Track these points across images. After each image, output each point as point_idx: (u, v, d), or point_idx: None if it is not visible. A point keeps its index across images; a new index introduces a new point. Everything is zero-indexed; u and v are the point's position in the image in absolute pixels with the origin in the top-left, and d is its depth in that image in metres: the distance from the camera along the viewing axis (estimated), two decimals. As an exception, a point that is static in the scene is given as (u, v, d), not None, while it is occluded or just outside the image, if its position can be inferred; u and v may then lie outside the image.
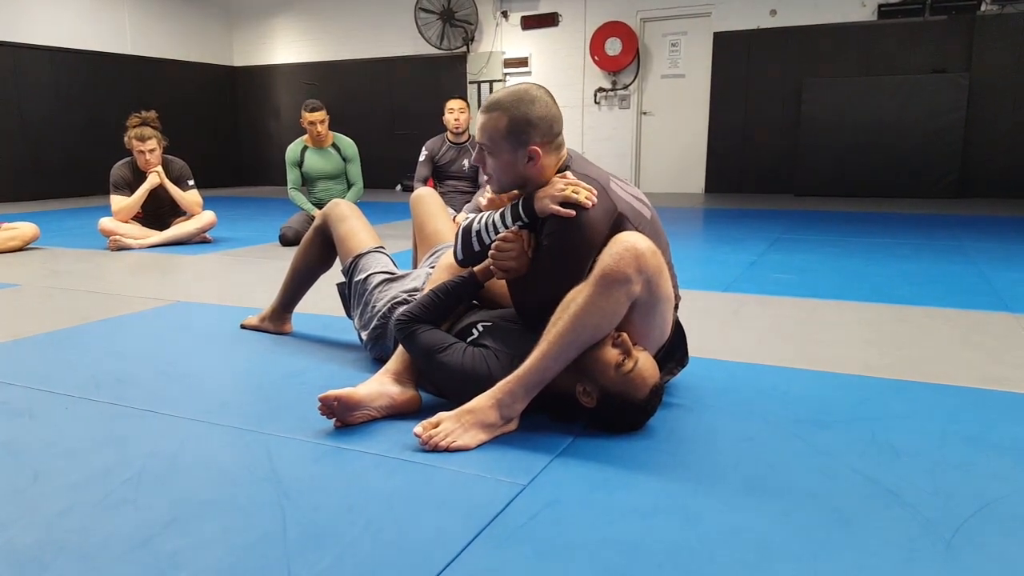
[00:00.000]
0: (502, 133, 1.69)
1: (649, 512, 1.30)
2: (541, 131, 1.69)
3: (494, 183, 1.79)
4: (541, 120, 1.69)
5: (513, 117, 1.68)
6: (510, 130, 1.68)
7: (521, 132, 1.68)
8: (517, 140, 1.69)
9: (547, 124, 1.70)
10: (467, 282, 1.88)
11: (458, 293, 1.88)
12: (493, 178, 1.78)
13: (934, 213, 6.41)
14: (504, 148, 1.70)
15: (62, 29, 8.93)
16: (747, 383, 2.01)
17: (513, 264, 1.74)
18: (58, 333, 2.61)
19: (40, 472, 1.49)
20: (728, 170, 8.76)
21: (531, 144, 1.68)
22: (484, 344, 1.77)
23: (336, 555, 1.16)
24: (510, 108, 1.69)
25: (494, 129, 1.70)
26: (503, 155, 1.71)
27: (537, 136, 1.69)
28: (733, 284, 3.35)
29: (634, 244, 1.57)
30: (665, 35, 8.96)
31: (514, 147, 1.69)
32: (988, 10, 7.48)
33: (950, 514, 1.29)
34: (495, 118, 1.70)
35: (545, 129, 1.70)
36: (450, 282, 1.88)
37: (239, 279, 3.71)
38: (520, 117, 1.68)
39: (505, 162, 1.72)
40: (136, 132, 4.67)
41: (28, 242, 4.69)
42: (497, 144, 1.71)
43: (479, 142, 1.76)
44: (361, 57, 10.54)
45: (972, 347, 2.34)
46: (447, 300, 1.86)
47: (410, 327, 1.80)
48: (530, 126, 1.68)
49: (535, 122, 1.68)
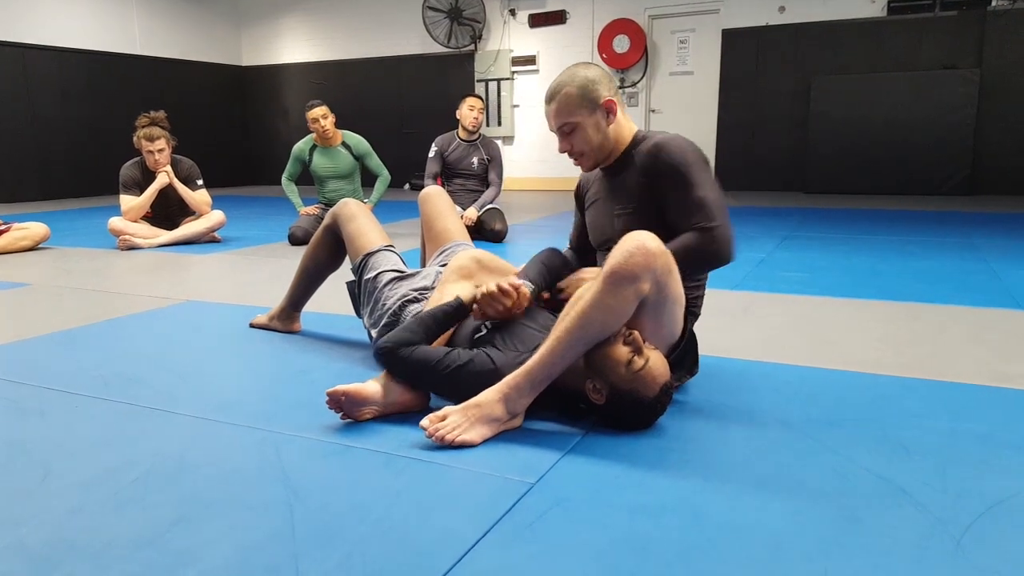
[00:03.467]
0: (576, 101, 1.84)
1: (658, 510, 1.30)
2: (606, 85, 1.86)
3: (588, 158, 1.91)
4: (601, 76, 1.86)
5: (579, 85, 1.84)
6: (581, 96, 1.84)
7: (589, 93, 1.84)
8: (591, 102, 1.84)
9: (607, 78, 1.88)
10: (455, 311, 1.83)
11: (445, 322, 1.83)
12: (587, 153, 1.89)
13: (944, 210, 6.37)
14: (584, 114, 1.85)
15: (70, 29, 8.98)
16: (757, 381, 2.00)
17: (496, 316, 1.81)
18: (68, 332, 2.63)
19: (50, 470, 1.49)
20: (737, 167, 8.73)
21: (604, 99, 1.84)
22: (491, 340, 1.77)
23: (344, 553, 1.17)
24: (571, 81, 1.84)
25: (567, 103, 1.85)
26: (587, 121, 1.85)
27: (605, 90, 1.85)
28: (743, 282, 3.34)
29: (644, 243, 1.56)
30: (673, 32, 8.93)
31: (592, 109, 1.84)
32: (999, 5, 7.42)
33: (961, 512, 1.28)
34: (564, 95, 1.85)
35: (608, 82, 1.87)
36: (438, 309, 1.83)
37: (248, 278, 3.72)
38: (582, 82, 1.84)
39: (591, 125, 1.86)
40: (145, 132, 4.69)
41: (38, 242, 4.73)
42: (576, 113, 1.85)
43: (558, 127, 1.88)
44: (369, 56, 10.56)
45: (983, 345, 2.32)
46: (434, 327, 1.80)
47: (396, 353, 1.71)
48: (595, 83, 1.84)
49: (597, 79, 1.85)
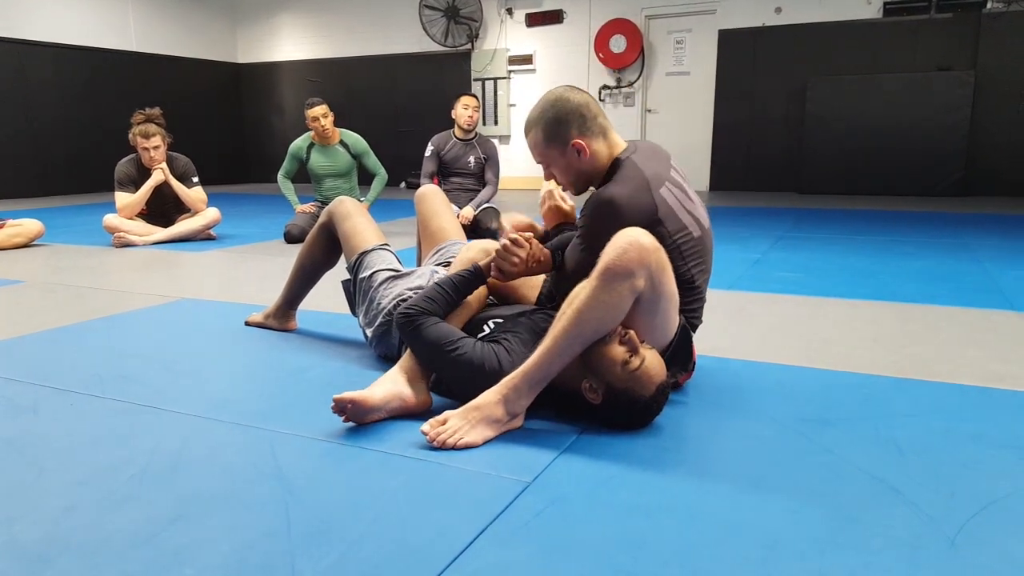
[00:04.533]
0: (543, 144, 1.83)
1: (654, 509, 1.30)
2: (575, 124, 1.79)
3: (570, 187, 1.91)
4: (569, 115, 1.79)
5: (545, 126, 1.81)
6: (548, 139, 1.82)
7: (558, 135, 1.80)
8: (560, 143, 1.81)
9: (576, 116, 1.80)
10: (473, 276, 1.87)
11: (464, 287, 1.86)
12: (566, 184, 1.90)
13: (939, 211, 6.40)
14: (554, 155, 1.83)
15: (66, 26, 8.94)
16: (752, 381, 2.01)
17: (514, 269, 1.82)
18: (62, 329, 2.62)
19: (44, 468, 1.49)
20: (733, 168, 8.74)
21: (572, 140, 1.79)
22: (496, 339, 1.77)
23: (340, 552, 1.17)
24: (539, 120, 1.82)
25: (537, 144, 1.85)
26: (558, 161, 1.84)
27: (575, 129, 1.80)
28: (737, 282, 3.35)
29: (637, 238, 1.57)
30: (670, 32, 8.94)
31: (561, 150, 1.82)
32: (994, 8, 7.45)
33: (954, 512, 1.28)
34: (533, 135, 1.84)
35: (577, 121, 1.80)
36: (455, 275, 1.87)
37: (243, 276, 3.72)
38: (550, 121, 1.80)
39: (563, 166, 1.84)
40: (140, 129, 4.68)
41: (33, 239, 4.71)
42: (548, 155, 1.84)
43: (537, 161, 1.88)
44: (366, 54, 10.54)
45: (977, 345, 2.34)
46: (452, 294, 1.84)
47: (415, 321, 1.76)
48: (560, 125, 1.80)
49: (566, 118, 1.79)
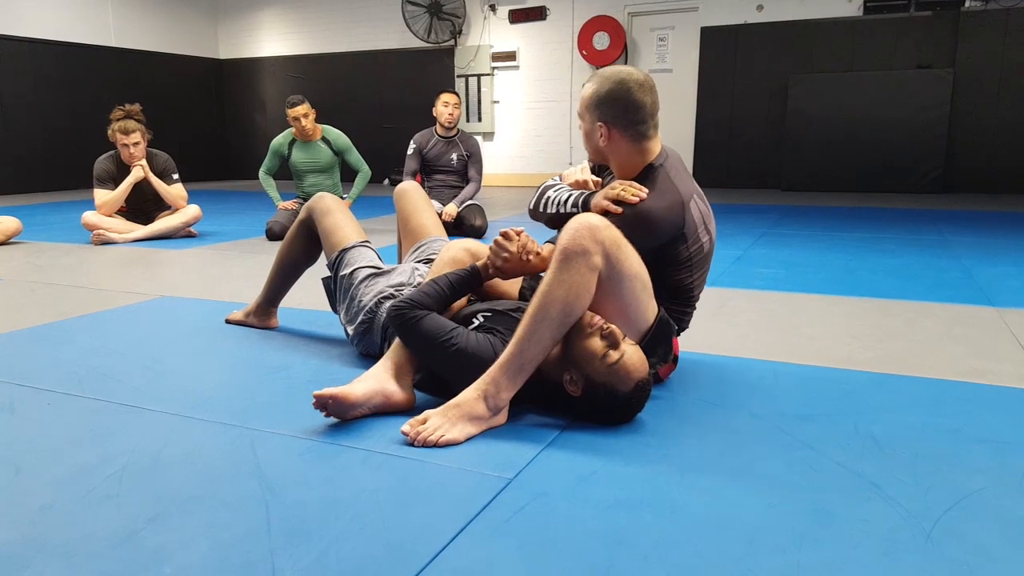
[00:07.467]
0: (586, 103, 1.83)
1: (635, 505, 1.31)
2: (614, 112, 1.78)
3: (586, 150, 1.92)
4: (616, 101, 1.77)
5: (597, 90, 1.80)
6: (589, 103, 1.82)
7: (596, 106, 1.80)
8: (595, 113, 1.81)
9: (620, 107, 1.77)
10: (470, 276, 1.85)
11: (460, 286, 1.85)
12: (585, 145, 1.90)
13: (919, 208, 6.47)
14: (587, 119, 1.84)
15: (45, 21, 8.82)
16: (732, 377, 2.02)
17: (506, 265, 1.80)
18: (40, 328, 2.59)
19: (21, 467, 1.47)
20: (715, 165, 8.79)
21: (603, 120, 1.79)
22: (489, 330, 1.77)
23: (321, 550, 1.16)
24: (599, 84, 1.80)
25: (584, 99, 1.84)
26: (586, 123, 1.85)
27: (609, 115, 1.78)
28: (719, 279, 3.37)
29: (587, 219, 1.62)
30: (653, 30, 8.96)
31: (592, 119, 1.82)
32: (972, 6, 7.53)
33: (931, 506, 1.30)
34: (588, 87, 1.84)
35: (618, 112, 1.78)
36: (453, 274, 1.85)
37: (224, 273, 3.69)
38: (603, 93, 1.78)
39: (587, 131, 1.86)
40: (120, 125, 4.63)
41: (10, 236, 4.65)
42: (583, 113, 1.85)
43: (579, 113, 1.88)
44: (348, 50, 10.48)
45: (955, 341, 2.36)
46: (447, 292, 1.82)
47: (408, 315, 1.73)
48: (603, 103, 1.79)
49: (609, 101, 1.78)
